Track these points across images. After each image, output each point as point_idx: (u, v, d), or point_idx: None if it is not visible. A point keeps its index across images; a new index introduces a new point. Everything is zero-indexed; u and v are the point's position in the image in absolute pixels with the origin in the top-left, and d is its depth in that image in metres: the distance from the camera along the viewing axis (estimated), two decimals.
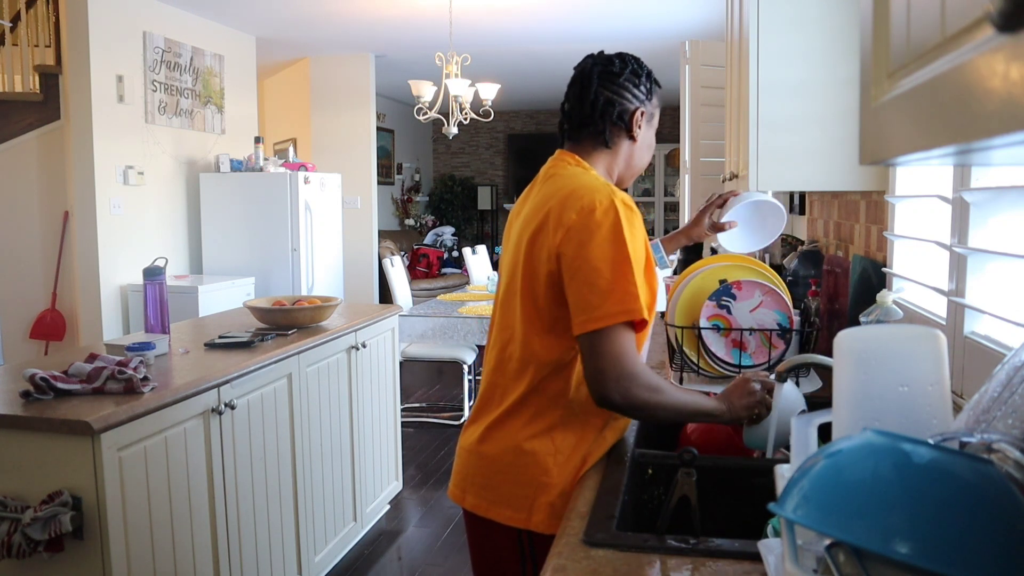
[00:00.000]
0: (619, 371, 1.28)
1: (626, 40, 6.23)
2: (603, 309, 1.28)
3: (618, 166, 1.50)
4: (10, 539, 1.73)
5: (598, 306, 1.28)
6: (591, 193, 1.33)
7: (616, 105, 1.46)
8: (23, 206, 4.68)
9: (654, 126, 1.54)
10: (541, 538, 1.35)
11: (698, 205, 4.60)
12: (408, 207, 10.37)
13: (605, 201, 1.31)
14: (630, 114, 1.47)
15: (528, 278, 1.38)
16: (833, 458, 0.65)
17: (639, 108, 1.47)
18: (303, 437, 2.70)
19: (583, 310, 1.30)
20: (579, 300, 1.30)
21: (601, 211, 1.30)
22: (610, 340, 1.28)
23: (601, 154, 1.48)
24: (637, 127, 1.48)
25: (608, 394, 1.29)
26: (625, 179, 1.54)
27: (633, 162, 1.52)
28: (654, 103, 1.52)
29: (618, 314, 1.27)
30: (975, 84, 0.45)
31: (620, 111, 1.46)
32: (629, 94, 1.46)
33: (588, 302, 1.29)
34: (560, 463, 1.35)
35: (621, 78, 1.46)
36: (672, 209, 10.60)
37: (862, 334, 0.88)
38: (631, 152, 1.50)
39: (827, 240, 2.69)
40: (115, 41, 4.63)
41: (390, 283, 5.39)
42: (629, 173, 1.54)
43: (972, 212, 1.49)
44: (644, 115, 1.49)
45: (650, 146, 1.54)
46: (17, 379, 2.05)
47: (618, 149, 1.49)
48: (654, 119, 1.53)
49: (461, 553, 3.26)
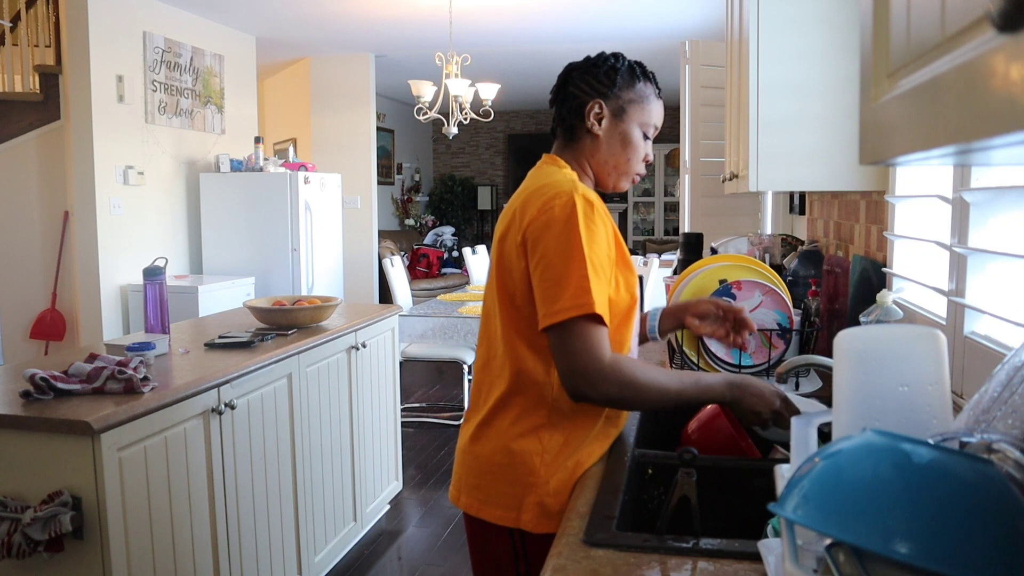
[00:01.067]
0: (585, 367, 1.27)
1: (626, 40, 6.23)
2: (558, 304, 1.27)
3: (587, 161, 1.48)
4: (10, 539, 1.73)
5: (553, 300, 1.28)
6: (551, 189, 1.34)
7: (572, 99, 1.46)
8: (23, 206, 4.68)
9: (632, 120, 1.46)
10: (533, 537, 1.35)
11: (698, 205, 4.60)
12: (408, 207, 10.37)
13: (564, 196, 1.31)
14: (584, 106, 1.44)
15: (502, 276, 1.39)
16: (833, 458, 0.65)
17: (595, 100, 1.44)
18: (303, 437, 2.70)
19: (541, 305, 1.30)
20: (538, 295, 1.31)
21: (559, 206, 1.30)
22: (572, 335, 1.27)
23: (569, 149, 1.48)
24: (592, 119, 1.44)
25: (579, 389, 1.29)
26: (603, 176, 1.49)
27: (601, 157, 1.46)
28: (625, 96, 1.45)
29: (570, 308, 1.26)
30: (975, 84, 0.45)
31: (577, 104, 1.45)
32: (586, 86, 1.45)
33: (545, 297, 1.29)
34: (547, 463, 1.35)
35: (580, 71, 1.47)
36: (672, 209, 10.61)
37: (862, 334, 0.88)
38: (596, 147, 1.46)
39: (827, 240, 2.69)
40: (115, 41, 4.63)
41: (390, 283, 5.39)
42: (604, 171, 1.48)
43: (972, 212, 1.49)
44: (604, 107, 1.44)
45: (625, 141, 1.46)
46: (17, 379, 2.05)
47: (581, 144, 1.47)
48: (627, 113, 1.45)
49: (461, 553, 3.26)
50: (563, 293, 1.27)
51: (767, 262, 2.51)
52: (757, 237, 2.96)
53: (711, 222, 4.47)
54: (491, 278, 1.44)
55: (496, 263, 1.41)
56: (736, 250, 3.09)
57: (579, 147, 1.47)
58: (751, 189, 2.11)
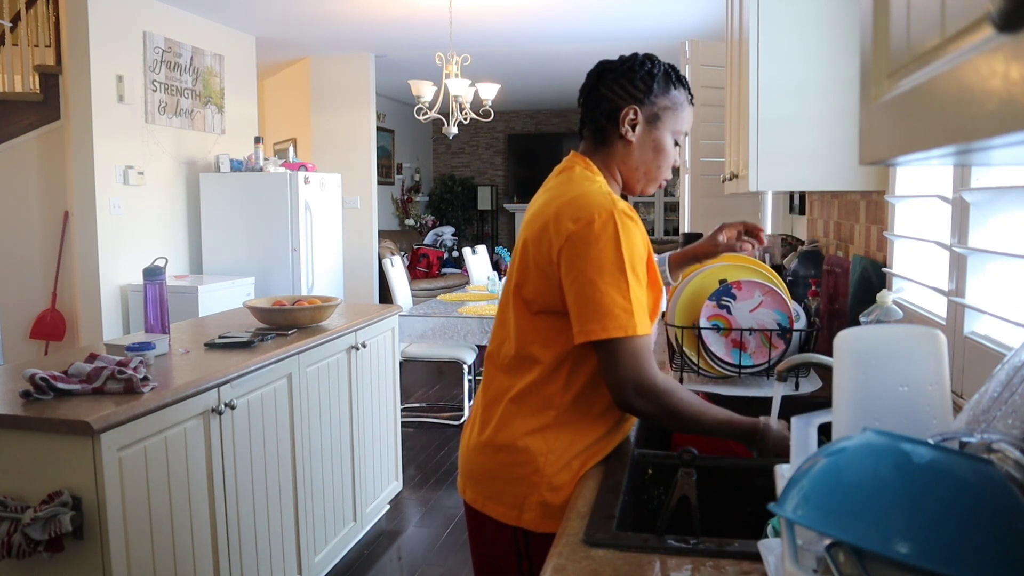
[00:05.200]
0: (636, 381, 1.31)
1: (626, 40, 6.23)
2: (602, 322, 1.28)
3: (617, 167, 1.47)
4: (10, 539, 1.73)
5: (597, 318, 1.29)
6: (590, 202, 1.32)
7: (606, 102, 1.44)
8: (23, 206, 4.68)
9: (665, 127, 1.45)
10: (536, 536, 1.35)
11: (698, 205, 4.60)
12: (408, 207, 10.37)
13: (604, 213, 1.30)
14: (619, 111, 1.43)
15: (524, 281, 1.39)
16: (833, 458, 0.65)
17: (630, 106, 1.42)
18: (303, 437, 2.70)
19: (582, 319, 1.30)
20: (579, 309, 1.31)
21: (600, 223, 1.30)
22: (623, 352, 1.30)
23: (600, 153, 1.47)
24: (627, 126, 1.43)
25: (629, 402, 1.32)
26: (632, 182, 1.48)
27: (632, 163, 1.45)
28: (660, 103, 1.43)
29: (617, 328, 1.28)
30: (975, 84, 0.45)
31: (610, 108, 1.44)
32: (622, 91, 1.43)
33: (586, 312, 1.30)
34: (552, 463, 1.35)
35: (615, 74, 1.44)
36: (672, 209, 10.60)
37: (862, 334, 0.88)
38: (628, 152, 1.45)
39: (827, 240, 2.69)
40: (115, 41, 4.63)
41: (390, 283, 5.39)
42: (635, 176, 1.47)
43: (972, 212, 1.49)
44: (639, 113, 1.42)
45: (658, 148, 1.45)
46: (17, 379, 2.05)
47: (613, 148, 1.45)
48: (661, 120, 1.44)
49: (461, 553, 3.26)
50: (607, 312, 1.28)
51: (767, 262, 2.51)
52: None
53: (711, 222, 4.44)
54: (510, 279, 1.44)
55: (519, 266, 1.40)
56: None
57: (610, 151, 1.46)
58: (751, 189, 2.11)
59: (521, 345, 1.39)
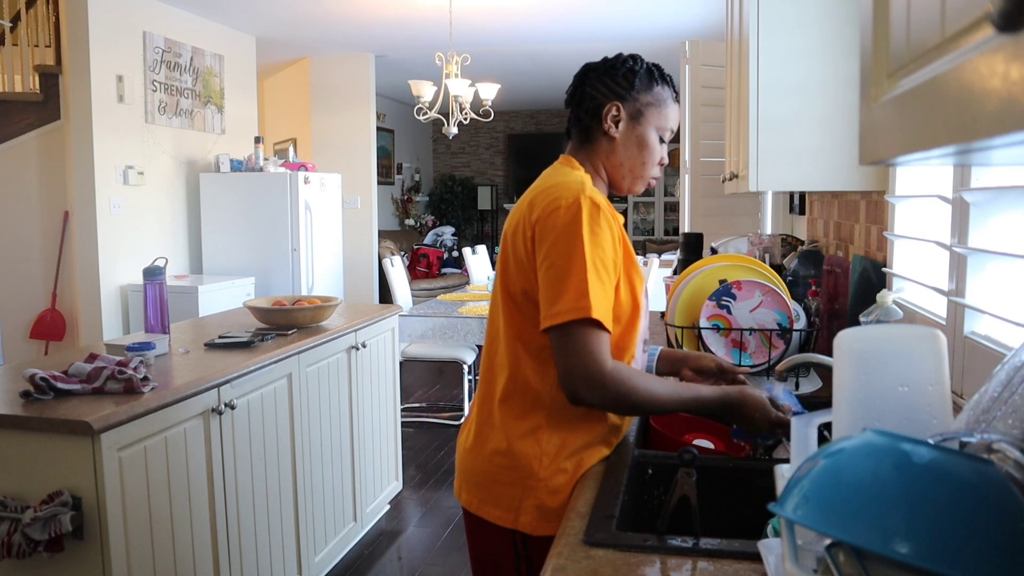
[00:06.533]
0: (584, 371, 1.27)
1: (626, 40, 6.23)
2: (557, 306, 1.27)
3: (602, 164, 1.47)
4: (10, 539, 1.73)
5: (553, 302, 1.28)
6: (559, 189, 1.33)
7: (590, 100, 1.45)
8: (23, 206, 4.68)
9: (649, 123, 1.44)
10: (534, 538, 1.35)
11: (698, 205, 4.60)
12: (408, 207, 10.37)
13: (570, 198, 1.31)
14: (602, 108, 1.43)
15: (505, 275, 1.40)
16: (833, 458, 0.65)
17: (613, 102, 1.43)
18: (303, 437, 2.70)
19: (543, 306, 1.30)
20: (541, 297, 1.31)
21: (564, 207, 1.30)
22: (572, 338, 1.27)
23: (584, 151, 1.48)
24: (610, 122, 1.43)
25: (577, 392, 1.29)
26: (617, 179, 1.48)
27: (616, 159, 1.45)
28: (643, 99, 1.44)
29: (569, 311, 1.26)
30: (975, 84, 0.45)
31: (594, 106, 1.44)
32: (604, 88, 1.44)
33: (546, 298, 1.30)
34: (546, 465, 1.35)
35: (598, 72, 1.46)
36: (672, 209, 10.61)
37: (862, 334, 0.88)
38: (612, 149, 1.45)
39: (827, 240, 2.69)
40: (115, 41, 4.63)
41: (390, 283, 5.39)
42: (619, 173, 1.47)
43: (972, 212, 1.49)
44: (622, 110, 1.43)
45: (642, 144, 1.44)
46: (17, 379, 2.05)
47: (597, 146, 1.46)
48: (644, 116, 1.44)
49: (461, 553, 3.26)
50: (563, 295, 1.27)
51: (767, 262, 2.51)
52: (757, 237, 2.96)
53: (711, 222, 4.47)
54: (497, 276, 1.45)
55: (503, 262, 1.42)
56: (736, 250, 3.09)
57: (594, 149, 1.46)
58: (751, 189, 2.11)
59: (508, 343, 1.40)
